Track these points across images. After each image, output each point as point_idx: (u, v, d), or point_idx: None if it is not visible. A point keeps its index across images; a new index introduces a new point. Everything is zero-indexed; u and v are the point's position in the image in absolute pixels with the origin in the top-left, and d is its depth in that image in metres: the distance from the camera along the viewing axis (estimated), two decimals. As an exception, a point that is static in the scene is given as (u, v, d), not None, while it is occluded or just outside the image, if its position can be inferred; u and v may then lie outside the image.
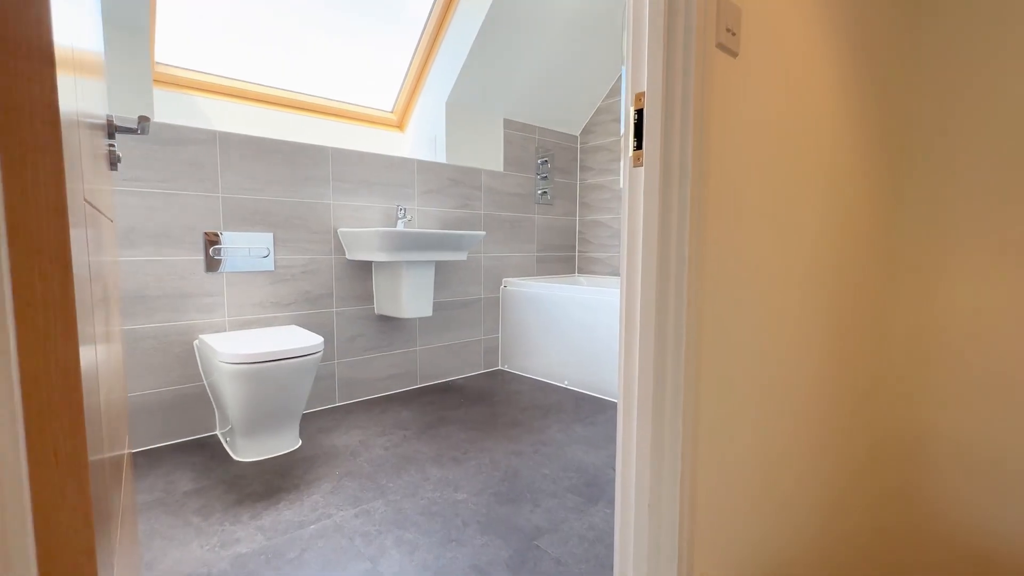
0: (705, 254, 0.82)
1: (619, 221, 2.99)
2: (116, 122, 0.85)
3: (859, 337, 1.19)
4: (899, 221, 1.25)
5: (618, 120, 2.97)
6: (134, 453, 1.69)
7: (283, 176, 1.98)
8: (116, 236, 1.05)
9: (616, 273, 3.03)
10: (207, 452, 1.72)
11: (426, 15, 2.44)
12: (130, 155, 1.65)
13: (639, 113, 0.79)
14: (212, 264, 1.82)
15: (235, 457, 1.67)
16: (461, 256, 2.19)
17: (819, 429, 1.10)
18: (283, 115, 2.31)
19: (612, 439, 1.85)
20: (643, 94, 0.78)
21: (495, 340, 2.84)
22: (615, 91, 2.98)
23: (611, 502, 1.40)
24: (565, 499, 1.42)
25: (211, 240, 1.81)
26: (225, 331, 1.87)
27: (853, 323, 1.16)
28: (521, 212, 2.90)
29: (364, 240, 1.99)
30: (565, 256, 3.20)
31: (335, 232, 2.13)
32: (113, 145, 0.86)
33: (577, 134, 3.20)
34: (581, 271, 3.25)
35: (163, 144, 1.71)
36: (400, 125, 2.77)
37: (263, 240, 1.93)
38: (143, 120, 0.84)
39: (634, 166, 0.80)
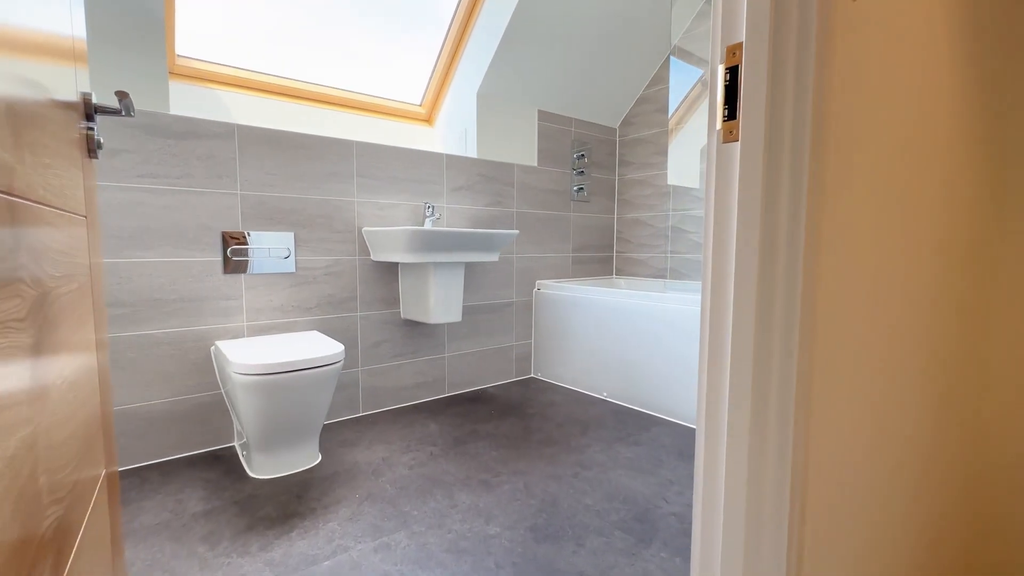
0: (820, 252, 0.62)
1: (663, 219, 2.77)
2: (96, 102, 0.72)
3: (962, 353, 0.96)
4: (1007, 228, 1.01)
5: (662, 110, 2.75)
6: (146, 467, 1.60)
7: (305, 172, 1.86)
8: (99, 235, 0.92)
9: (659, 276, 2.82)
10: (222, 467, 1.61)
11: (455, 2, 2.29)
12: (143, 150, 1.55)
13: (732, 73, 0.60)
14: (230, 266, 1.71)
15: (251, 474, 1.55)
16: (493, 257, 2.03)
17: (924, 457, 0.88)
18: (307, 109, 2.20)
19: (661, 462, 1.65)
20: (739, 46, 0.59)
21: (527, 346, 2.66)
22: (658, 79, 2.76)
23: (667, 544, 1.21)
24: (613, 538, 1.23)
25: (230, 240, 1.70)
26: (244, 336, 1.76)
27: (956, 337, 0.94)
28: (556, 210, 2.72)
29: (390, 240, 1.85)
30: (603, 257, 3.00)
31: (359, 231, 2.01)
32: (92, 129, 0.73)
33: (616, 126, 2.99)
34: (619, 273, 3.04)
35: (178, 138, 1.61)
36: (429, 119, 2.63)
37: (284, 240, 1.81)
38: (122, 97, 0.71)
39: (724, 141, 0.61)
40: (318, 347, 1.54)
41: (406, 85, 2.48)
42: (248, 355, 1.43)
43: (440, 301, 1.97)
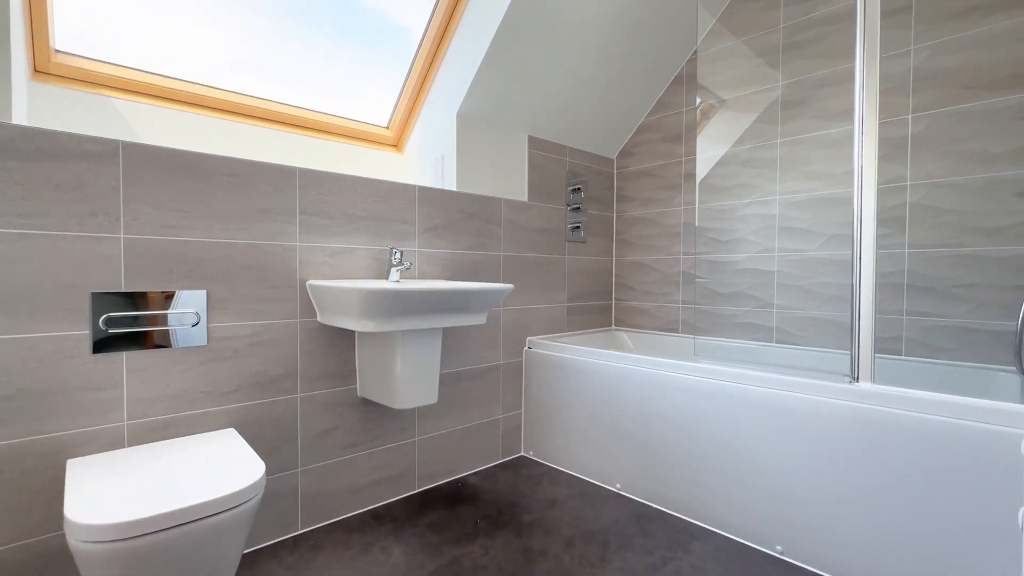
0: None
1: (672, 263, 2.39)
2: None
3: None
4: None
5: (667, 139, 2.40)
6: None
7: (227, 208, 1.37)
8: None
9: (668, 329, 2.41)
10: (69, 658, 1.04)
11: (431, 6, 1.89)
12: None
13: None
14: (104, 341, 1.19)
15: (109, 675, 0.99)
16: (479, 319, 1.57)
17: None
18: (241, 127, 1.72)
19: (720, 614, 1.18)
20: None
21: (517, 418, 2.18)
22: (662, 105, 2.42)
23: None
24: None
25: (105, 305, 1.18)
26: (122, 445, 1.22)
27: None
28: (549, 252, 2.30)
29: (341, 301, 1.37)
30: (601, 306, 2.58)
31: (303, 285, 1.51)
32: None
33: (613, 157, 2.63)
34: (620, 324, 2.62)
35: (25, 160, 1.10)
36: (397, 144, 2.19)
37: (191, 301, 1.30)
38: None
39: None
40: (224, 471, 1.02)
41: (370, 103, 2.04)
42: (98, 503, 0.90)
43: (410, 380, 1.48)
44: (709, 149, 2.23)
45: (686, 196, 2.34)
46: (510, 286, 1.56)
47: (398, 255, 1.63)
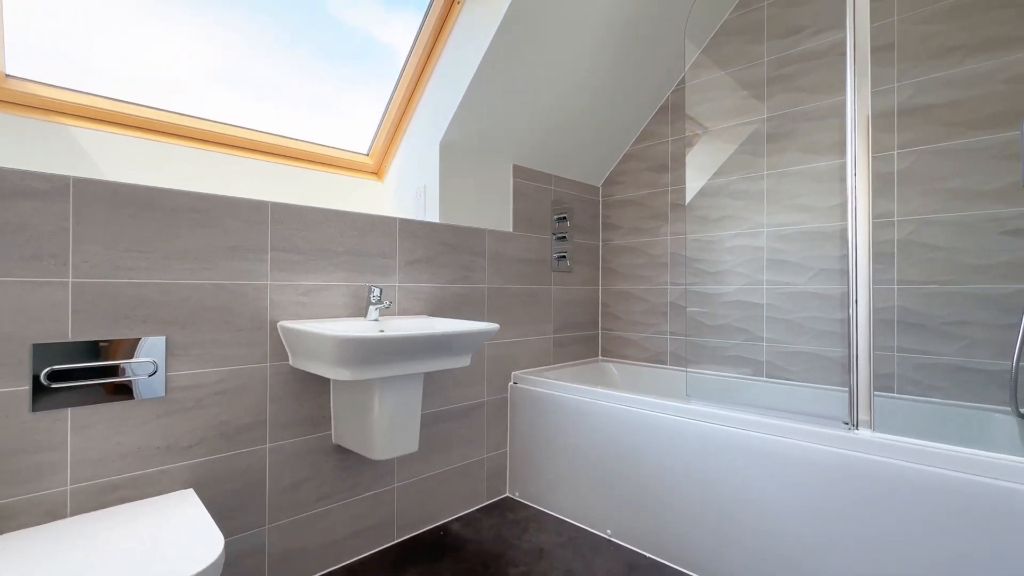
0: None
1: (659, 293, 2.34)
2: None
3: None
4: None
5: (653, 169, 2.38)
6: None
7: (191, 246, 1.27)
8: None
9: (656, 360, 2.36)
10: None
11: (414, 33, 1.85)
12: None
13: None
14: (46, 397, 1.07)
15: None
16: (463, 362, 1.49)
17: None
18: (211, 156, 1.63)
19: None
20: None
21: (502, 457, 2.09)
22: (648, 135, 2.41)
23: None
24: None
25: (47, 356, 1.07)
26: (65, 515, 1.09)
27: None
28: (535, 283, 2.23)
29: (314, 347, 1.27)
30: (587, 336, 2.52)
31: (273, 327, 1.41)
32: None
33: (599, 185, 2.60)
34: (607, 354, 2.56)
35: (-41, 198, 0.99)
36: (378, 172, 2.12)
37: (148, 349, 1.19)
38: None
39: None
40: (174, 549, 0.91)
41: (350, 121, 1.97)
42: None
43: (388, 429, 1.38)
44: (696, 179, 2.21)
45: (673, 226, 2.31)
46: (495, 326, 1.48)
47: (377, 292, 1.54)
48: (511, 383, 2.11)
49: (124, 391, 1.16)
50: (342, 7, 1.73)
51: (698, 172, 2.20)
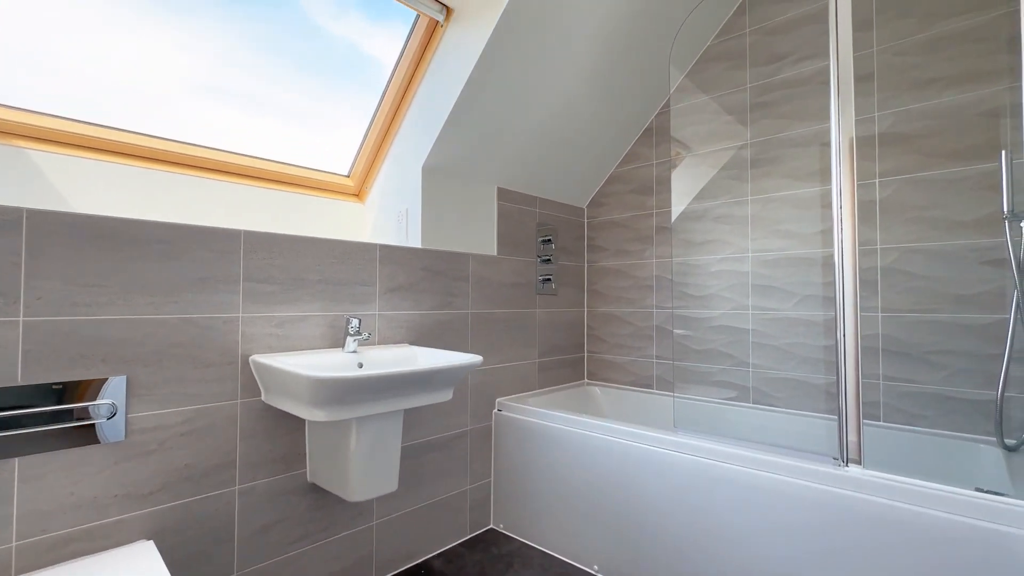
0: None
1: (645, 316, 2.32)
2: None
3: None
4: None
5: (638, 191, 2.38)
6: None
7: (156, 279, 1.20)
8: None
9: (643, 384, 2.33)
10: None
11: (397, 52, 1.82)
12: None
13: None
14: (-9, 446, 0.99)
15: None
16: (445, 396, 1.43)
17: None
18: (182, 180, 1.57)
19: None
20: None
21: (486, 487, 2.02)
22: (633, 157, 2.41)
23: None
24: None
25: (-7, 402, 0.99)
26: (10, 574, 1.00)
27: None
28: (519, 307, 2.19)
29: (287, 386, 1.21)
30: (573, 359, 2.48)
31: (245, 361, 1.34)
32: None
33: (584, 206, 2.58)
34: (592, 377, 2.53)
35: None
36: (359, 194, 2.07)
37: (108, 390, 1.12)
38: None
39: None
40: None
41: (329, 148, 1.92)
42: None
43: (365, 470, 1.32)
44: (681, 202, 2.20)
45: (658, 249, 2.30)
46: (478, 359, 1.43)
47: (356, 323, 1.48)
48: (495, 410, 2.05)
49: (80, 436, 1.08)
50: (326, 18, 1.69)
51: (683, 195, 2.20)
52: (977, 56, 1.55)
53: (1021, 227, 1.39)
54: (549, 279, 2.34)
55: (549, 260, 2.35)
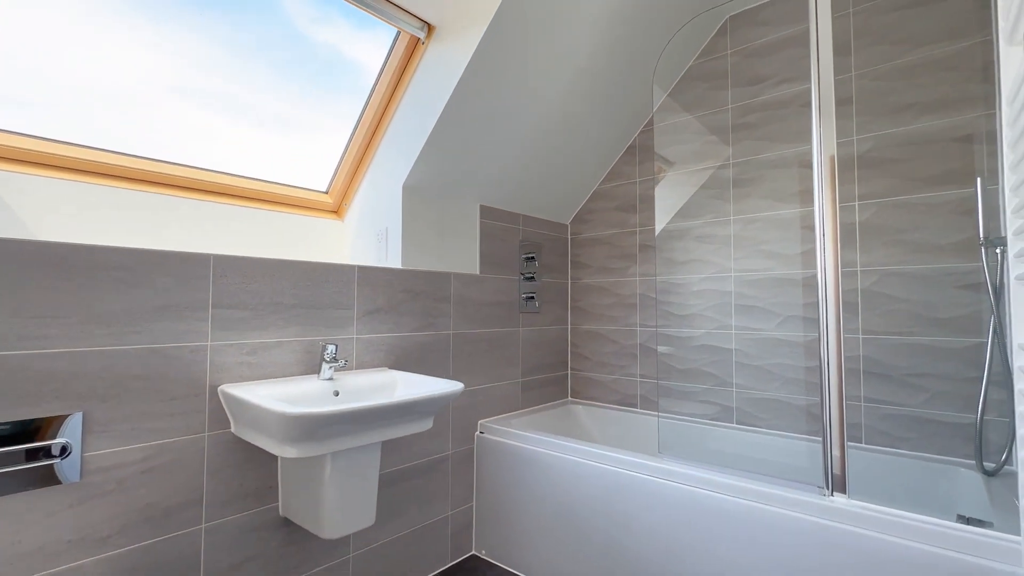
0: None
1: (629, 334, 2.31)
2: None
3: None
4: None
5: (621, 208, 2.37)
6: None
7: (115, 309, 1.13)
8: None
9: (627, 403, 2.31)
10: None
11: (378, 68, 1.78)
12: None
13: None
14: (-74, 495, 0.91)
15: None
16: (425, 425, 1.38)
17: None
18: (151, 199, 1.49)
19: None
20: None
21: (468, 512, 1.97)
22: (616, 174, 2.40)
23: None
24: None
25: (-70, 446, 0.91)
26: (-58, 632, 0.92)
27: None
28: (503, 326, 2.16)
29: (256, 420, 1.15)
30: (556, 377, 2.45)
31: (213, 392, 1.28)
32: None
33: (567, 223, 2.56)
34: (576, 395, 2.50)
35: None
36: (338, 211, 2.02)
37: (60, 428, 1.04)
38: None
39: None
40: None
41: (308, 163, 1.86)
42: None
43: (340, 505, 1.26)
44: (664, 221, 2.20)
45: (641, 267, 2.29)
46: (459, 387, 1.39)
47: (332, 349, 1.43)
48: (478, 432, 2.01)
49: (28, 480, 1.01)
50: (306, 22, 1.64)
51: (666, 214, 2.19)
52: (952, 83, 1.58)
53: (996, 253, 1.41)
54: (532, 297, 2.31)
55: (532, 278, 2.32)
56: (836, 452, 1.26)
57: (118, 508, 1.12)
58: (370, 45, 1.72)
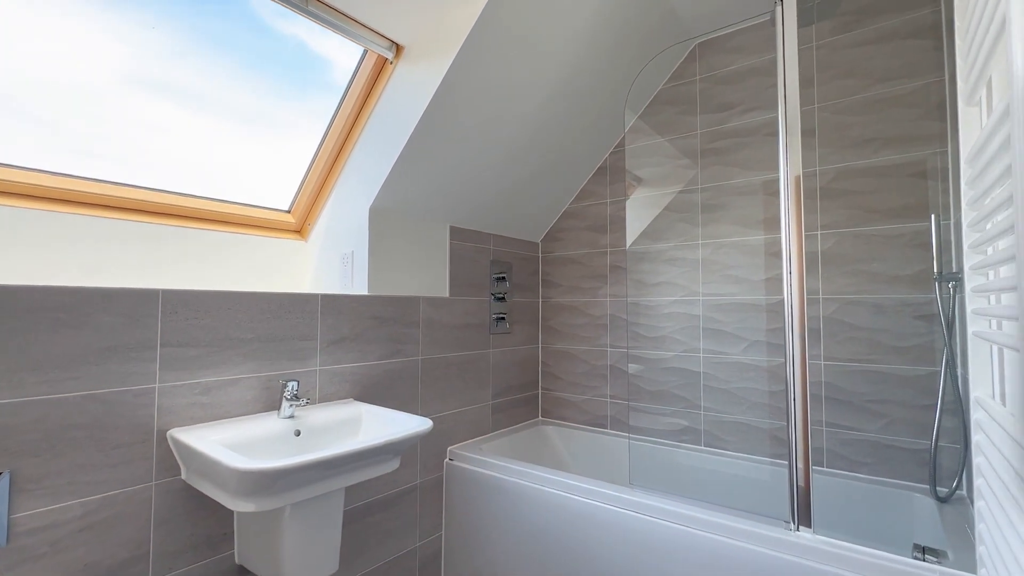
0: None
1: (599, 355, 2.30)
2: None
3: None
4: None
5: (592, 228, 2.37)
6: None
7: (51, 353, 1.04)
8: None
9: (597, 424, 2.30)
10: None
11: (343, 88, 1.71)
12: None
13: None
14: None
15: None
16: (392, 466, 1.33)
17: None
18: (92, 222, 1.39)
19: None
20: None
21: (436, 542, 1.92)
22: (587, 194, 2.40)
23: None
24: None
25: None
26: None
27: None
28: (472, 348, 2.12)
29: (209, 472, 1.08)
30: (527, 397, 2.43)
31: (162, 437, 1.19)
32: None
33: (538, 241, 2.55)
34: (547, 415, 2.48)
35: None
36: (301, 231, 1.94)
37: (-16, 488, 0.95)
38: None
39: None
40: None
41: (270, 174, 1.78)
42: None
43: (301, 555, 1.20)
44: (634, 243, 2.21)
45: (612, 288, 2.29)
46: (428, 424, 1.34)
47: (293, 386, 1.36)
48: (447, 459, 1.96)
49: (-55, 549, 0.91)
50: (274, 16, 1.55)
51: (636, 236, 2.20)
52: (910, 120, 1.63)
53: (949, 287, 1.47)
54: (503, 318, 2.28)
55: (503, 298, 2.29)
56: (802, 483, 1.28)
57: (53, 572, 1.03)
58: (337, 41, 1.64)
